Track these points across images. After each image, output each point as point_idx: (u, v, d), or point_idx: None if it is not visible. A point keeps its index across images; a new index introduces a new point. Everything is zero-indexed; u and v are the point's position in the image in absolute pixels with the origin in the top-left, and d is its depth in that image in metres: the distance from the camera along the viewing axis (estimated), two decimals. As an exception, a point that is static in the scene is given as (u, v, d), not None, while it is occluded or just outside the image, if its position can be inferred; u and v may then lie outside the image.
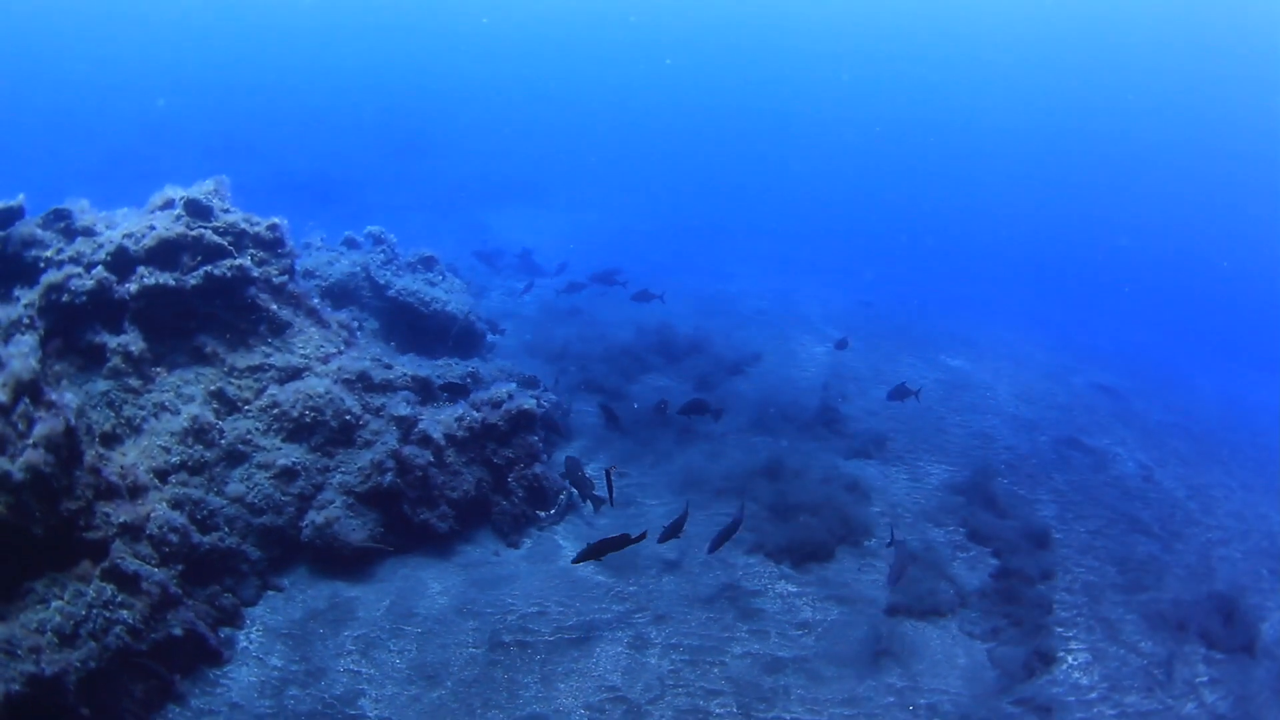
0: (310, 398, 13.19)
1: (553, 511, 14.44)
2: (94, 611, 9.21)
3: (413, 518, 13.07)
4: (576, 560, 11.07)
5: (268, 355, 13.69)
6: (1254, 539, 16.71)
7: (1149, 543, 15.72)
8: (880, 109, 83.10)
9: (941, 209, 54.27)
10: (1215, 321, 38.65)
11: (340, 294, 17.94)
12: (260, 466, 12.47)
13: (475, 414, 14.21)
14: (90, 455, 10.07)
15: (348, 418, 13.36)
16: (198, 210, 13.59)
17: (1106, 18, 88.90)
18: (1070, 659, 12.33)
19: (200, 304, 13.26)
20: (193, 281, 13.03)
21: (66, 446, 9.23)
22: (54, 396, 9.28)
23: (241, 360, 13.40)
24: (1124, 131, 78.86)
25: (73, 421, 9.24)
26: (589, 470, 14.63)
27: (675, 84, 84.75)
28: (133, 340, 12.51)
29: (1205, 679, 12.39)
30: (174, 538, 10.66)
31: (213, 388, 12.92)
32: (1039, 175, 66.63)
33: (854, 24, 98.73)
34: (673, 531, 12.15)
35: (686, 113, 75.96)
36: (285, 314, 14.31)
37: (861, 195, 56.56)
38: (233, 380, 13.19)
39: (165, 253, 13.00)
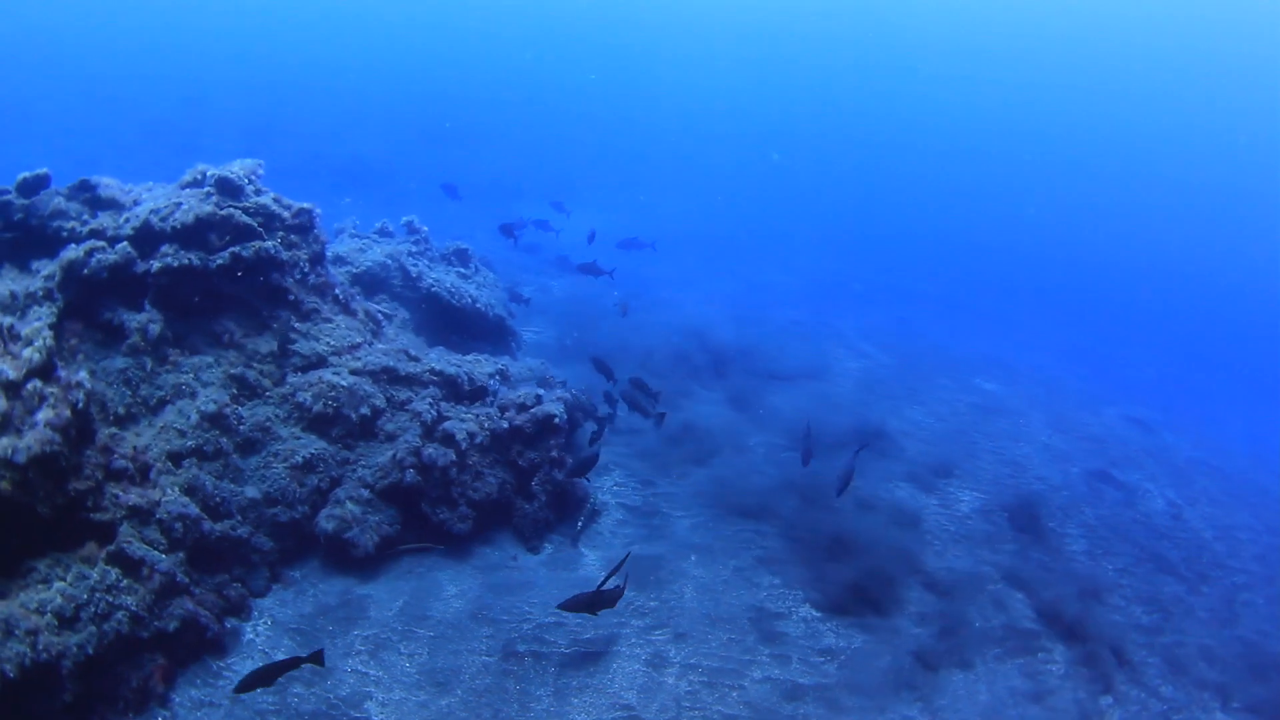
0: (332, 388, 12.91)
1: (579, 525, 14.08)
2: (96, 595, 9.01)
3: (432, 517, 12.75)
4: (237, 690, 9.14)
5: (291, 342, 13.39)
6: (1278, 585, 16.31)
7: (1175, 584, 15.43)
8: (919, 125, 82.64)
9: (981, 230, 53.80)
10: (1249, 357, 38.13)
11: (371, 282, 17.65)
12: (277, 456, 12.19)
13: (501, 416, 13.88)
14: (103, 435, 9.85)
15: (369, 411, 13.08)
16: (229, 189, 13.31)
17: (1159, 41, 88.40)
18: (1090, 700, 11.96)
19: (225, 286, 12.98)
20: (218, 262, 12.73)
21: (76, 426, 9.00)
22: (66, 375, 9.02)
23: (264, 345, 13.11)
24: (1175, 164, 78.20)
25: (81, 402, 9.00)
26: (617, 475, 14.39)
27: (711, 88, 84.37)
28: (153, 319, 12.23)
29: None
30: (183, 524, 10.39)
31: (233, 372, 12.63)
32: (1082, 203, 66.09)
33: (912, 38, 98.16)
34: (586, 604, 10.80)
35: (730, 119, 75.60)
36: (312, 301, 14.03)
37: (902, 211, 56.12)
38: (254, 365, 12.90)
39: (192, 231, 12.70)
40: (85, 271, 11.92)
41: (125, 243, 12.36)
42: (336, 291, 14.68)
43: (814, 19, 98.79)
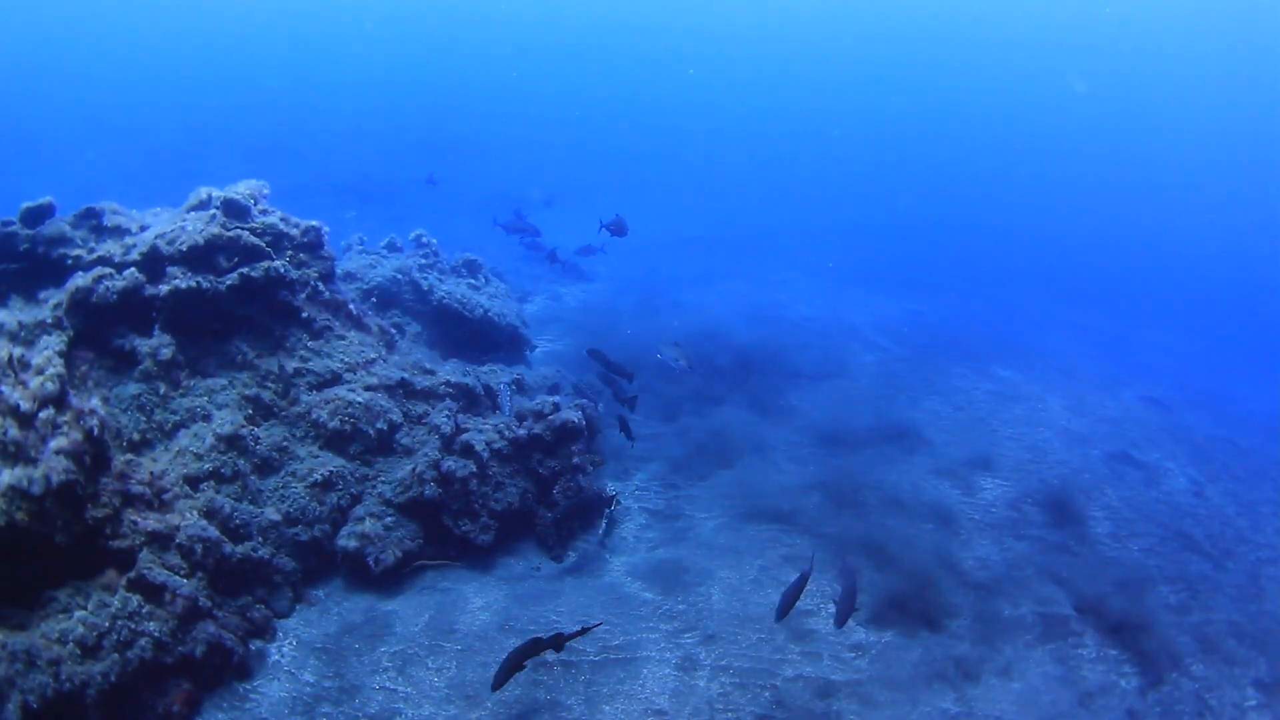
0: (349, 405, 12.83)
1: (603, 530, 13.96)
2: (119, 623, 8.96)
3: (454, 529, 12.65)
4: None
5: (305, 360, 13.32)
6: (1302, 558, 16.23)
7: (1201, 561, 15.32)
8: (927, 116, 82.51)
9: (992, 217, 53.57)
10: (1264, 331, 37.84)
11: (382, 297, 17.60)
12: (296, 475, 12.11)
13: (519, 425, 13.78)
14: (118, 462, 9.79)
15: (387, 426, 12.99)
16: (235, 210, 13.26)
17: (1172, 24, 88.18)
18: (1123, 683, 11.82)
19: (236, 307, 12.93)
20: (228, 283, 12.68)
21: (91, 453, 8.93)
22: (79, 403, 8.95)
23: (277, 365, 13.03)
24: (1180, 136, 77.87)
25: (96, 430, 8.93)
26: (639, 479, 14.32)
27: (721, 90, 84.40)
28: (164, 343, 12.16)
29: (1254, 703, 11.92)
30: (204, 547, 10.31)
31: (247, 393, 12.56)
32: (1090, 183, 65.83)
33: (909, 32, 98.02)
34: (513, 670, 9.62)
35: (733, 119, 75.58)
36: (324, 318, 13.96)
37: (913, 203, 55.87)
38: (268, 386, 12.83)
39: (200, 253, 12.66)
40: (93, 298, 11.85)
41: (133, 268, 12.29)
42: (350, 307, 14.61)
43: (815, 12, 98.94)
